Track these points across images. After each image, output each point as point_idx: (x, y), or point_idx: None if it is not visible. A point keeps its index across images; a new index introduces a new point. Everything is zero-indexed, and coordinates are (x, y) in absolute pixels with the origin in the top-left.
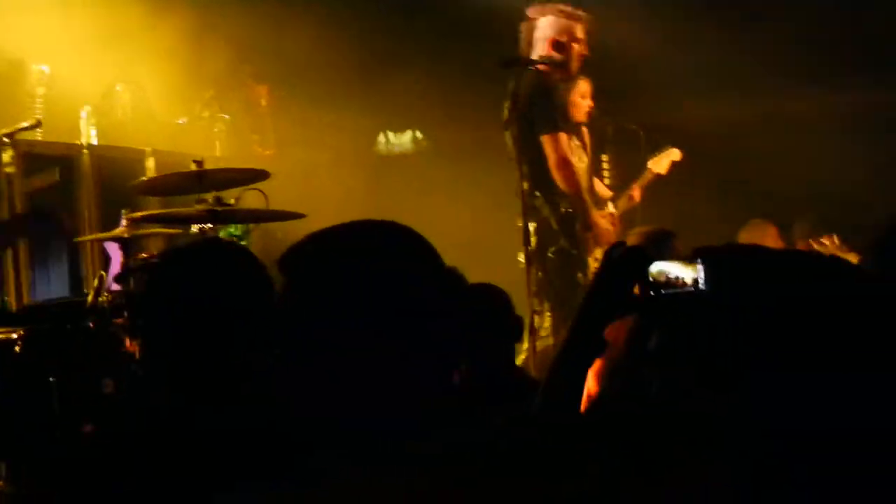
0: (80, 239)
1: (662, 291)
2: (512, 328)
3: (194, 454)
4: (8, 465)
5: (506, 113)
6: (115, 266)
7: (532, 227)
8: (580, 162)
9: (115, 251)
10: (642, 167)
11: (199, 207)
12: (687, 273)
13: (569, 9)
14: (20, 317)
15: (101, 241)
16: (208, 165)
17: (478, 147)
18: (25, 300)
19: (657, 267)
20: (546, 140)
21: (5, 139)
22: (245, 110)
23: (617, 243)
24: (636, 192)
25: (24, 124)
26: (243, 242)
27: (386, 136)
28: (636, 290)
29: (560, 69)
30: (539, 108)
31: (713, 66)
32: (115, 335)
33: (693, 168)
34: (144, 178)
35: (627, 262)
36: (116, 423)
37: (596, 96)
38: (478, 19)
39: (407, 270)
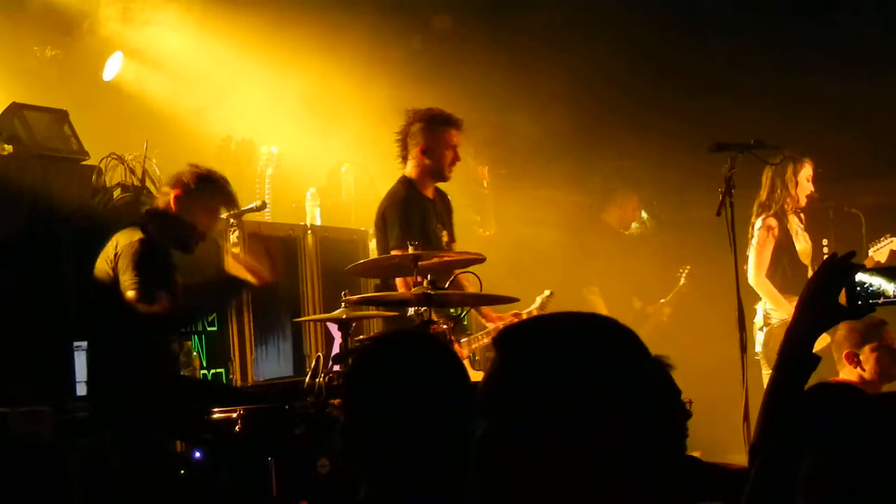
0: (300, 319)
1: (871, 301)
2: None
3: None
4: None
5: (720, 197)
6: (337, 347)
7: None
8: (803, 244)
9: (336, 332)
10: (863, 254)
11: (414, 291)
12: (890, 286)
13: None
14: (242, 396)
15: (322, 321)
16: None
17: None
18: (250, 378)
19: (860, 277)
20: None
21: (232, 220)
22: (467, 191)
23: (832, 254)
24: None
25: (252, 205)
26: (465, 322)
27: None
28: (842, 298)
29: None
30: None
31: None
32: (331, 416)
33: None
34: (360, 261)
35: (837, 268)
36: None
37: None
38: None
39: (620, 362)
